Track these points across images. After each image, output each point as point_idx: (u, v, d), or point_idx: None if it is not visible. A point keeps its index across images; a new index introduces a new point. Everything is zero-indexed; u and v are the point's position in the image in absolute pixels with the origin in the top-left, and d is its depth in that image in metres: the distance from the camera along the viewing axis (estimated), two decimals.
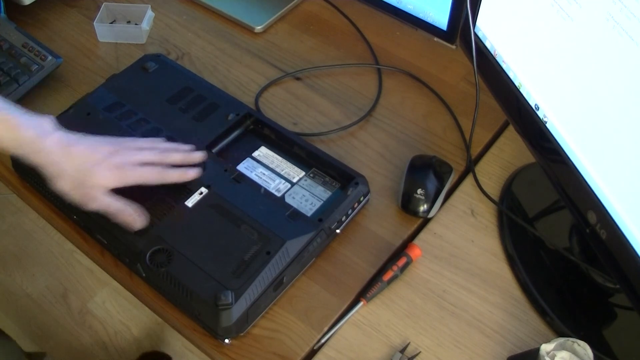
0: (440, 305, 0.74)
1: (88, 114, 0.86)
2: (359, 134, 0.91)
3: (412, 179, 0.82)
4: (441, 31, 0.92)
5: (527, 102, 0.75)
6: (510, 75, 0.78)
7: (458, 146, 0.89)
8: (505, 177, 0.86)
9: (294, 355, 0.70)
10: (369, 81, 0.98)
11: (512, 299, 0.75)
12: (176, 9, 1.09)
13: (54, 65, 0.95)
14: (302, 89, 0.97)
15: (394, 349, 0.71)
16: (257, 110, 0.93)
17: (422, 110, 0.94)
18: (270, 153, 0.84)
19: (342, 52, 1.02)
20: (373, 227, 0.81)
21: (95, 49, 1.02)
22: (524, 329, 0.72)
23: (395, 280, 0.75)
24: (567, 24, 0.65)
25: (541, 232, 0.79)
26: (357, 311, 0.73)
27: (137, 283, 0.75)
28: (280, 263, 0.71)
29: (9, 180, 0.86)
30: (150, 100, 0.87)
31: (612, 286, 0.74)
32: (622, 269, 0.64)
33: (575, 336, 0.66)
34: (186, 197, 0.77)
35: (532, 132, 0.76)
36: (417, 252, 0.77)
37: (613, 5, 0.57)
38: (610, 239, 0.64)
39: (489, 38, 0.81)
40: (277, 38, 1.05)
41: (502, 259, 0.78)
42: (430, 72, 0.98)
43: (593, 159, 0.66)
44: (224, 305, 0.67)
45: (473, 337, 0.72)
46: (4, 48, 0.96)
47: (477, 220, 0.82)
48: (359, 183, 0.79)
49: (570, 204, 0.71)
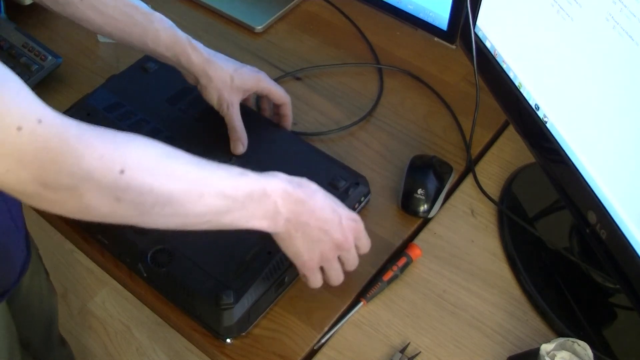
0: (440, 305, 0.74)
1: (88, 115, 0.86)
2: (359, 134, 0.91)
3: (412, 179, 0.82)
4: (441, 31, 0.92)
5: (527, 102, 0.75)
6: (510, 75, 0.78)
7: (458, 146, 0.89)
8: (505, 177, 0.86)
9: (294, 355, 0.70)
10: (369, 81, 0.98)
11: (512, 299, 0.75)
12: (176, 9, 1.09)
13: (54, 65, 0.95)
14: (302, 89, 0.97)
15: (394, 349, 0.71)
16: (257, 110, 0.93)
17: (423, 110, 0.94)
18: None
19: (342, 52, 1.02)
20: (373, 227, 0.80)
21: (95, 49, 1.02)
22: (524, 329, 0.72)
23: (396, 280, 0.75)
24: (567, 24, 0.65)
25: (541, 232, 0.79)
26: (357, 311, 0.74)
27: (137, 283, 0.75)
28: (281, 263, 0.71)
29: None
30: (150, 101, 0.87)
31: (612, 286, 0.74)
32: (622, 269, 0.64)
33: (575, 336, 0.66)
34: None
35: (532, 132, 0.76)
36: (417, 252, 0.77)
37: (613, 5, 0.57)
38: (610, 239, 0.64)
39: (489, 38, 0.81)
40: (277, 38, 1.05)
41: (502, 259, 0.78)
42: (431, 72, 0.98)
43: (593, 159, 0.66)
44: (225, 305, 0.68)
45: (473, 337, 0.72)
46: (4, 48, 0.96)
47: (477, 220, 0.82)
48: (360, 183, 0.79)
49: (570, 204, 0.71)
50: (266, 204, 0.61)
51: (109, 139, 0.53)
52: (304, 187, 0.65)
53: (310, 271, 0.68)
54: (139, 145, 0.55)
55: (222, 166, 0.60)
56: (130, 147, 0.54)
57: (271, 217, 0.62)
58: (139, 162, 0.53)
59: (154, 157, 0.55)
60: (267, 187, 0.61)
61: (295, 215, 0.63)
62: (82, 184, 0.51)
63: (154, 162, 0.55)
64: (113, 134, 0.54)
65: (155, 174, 0.54)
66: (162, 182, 0.54)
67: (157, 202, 0.55)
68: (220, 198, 0.58)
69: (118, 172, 0.51)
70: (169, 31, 0.78)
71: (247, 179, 0.61)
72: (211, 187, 0.58)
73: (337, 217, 0.66)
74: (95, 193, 0.51)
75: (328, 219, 0.65)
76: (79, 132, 0.51)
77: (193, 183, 0.57)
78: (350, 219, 0.68)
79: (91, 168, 0.50)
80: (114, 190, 0.52)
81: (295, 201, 0.63)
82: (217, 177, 0.59)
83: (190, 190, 0.56)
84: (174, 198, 0.55)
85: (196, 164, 0.58)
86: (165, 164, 0.56)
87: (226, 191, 0.59)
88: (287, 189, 0.62)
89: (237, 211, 0.60)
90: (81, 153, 0.50)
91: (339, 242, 0.67)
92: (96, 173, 0.51)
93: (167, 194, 0.55)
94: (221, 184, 0.59)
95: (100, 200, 0.52)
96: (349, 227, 0.67)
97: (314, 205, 0.64)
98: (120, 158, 0.52)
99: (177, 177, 0.56)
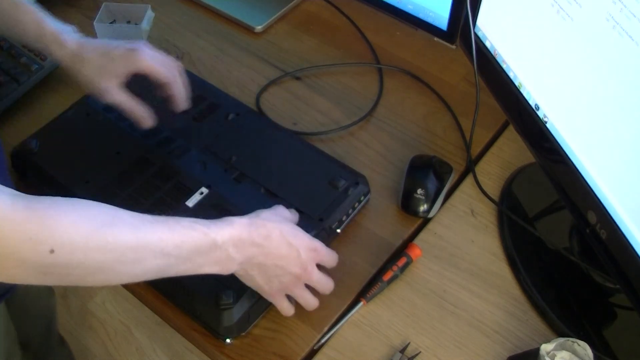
0: (441, 305, 0.74)
1: (88, 115, 0.86)
2: (359, 133, 0.91)
3: (412, 179, 0.82)
4: (441, 31, 0.92)
5: (527, 102, 0.75)
6: (510, 75, 0.78)
7: (458, 146, 0.89)
8: (505, 177, 0.86)
9: (294, 355, 0.70)
10: (369, 81, 0.98)
11: (512, 299, 0.75)
12: (176, 9, 1.09)
13: (54, 65, 0.95)
14: (302, 89, 0.97)
15: (394, 349, 0.71)
16: (257, 110, 0.93)
17: (423, 110, 0.94)
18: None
19: (342, 52, 1.02)
20: (373, 227, 0.81)
21: None
22: (524, 329, 0.72)
23: (395, 280, 0.75)
24: (567, 24, 0.65)
25: (541, 232, 0.79)
26: (357, 311, 0.73)
27: (137, 283, 0.75)
28: None
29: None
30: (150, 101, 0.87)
31: (612, 286, 0.74)
32: (622, 269, 0.64)
33: (575, 336, 0.66)
34: (187, 197, 0.77)
35: (532, 132, 0.76)
36: (417, 252, 0.77)
37: (613, 5, 0.57)
38: (610, 239, 0.64)
39: (489, 38, 0.81)
40: (277, 38, 1.05)
41: (502, 259, 0.78)
42: (431, 72, 0.98)
43: (593, 159, 0.66)
44: (225, 305, 0.68)
45: (473, 337, 0.72)
46: (4, 48, 0.96)
47: (477, 220, 0.82)
48: (359, 182, 0.79)
49: (570, 204, 0.71)
50: (216, 254, 0.61)
51: (41, 214, 0.51)
52: (260, 229, 0.64)
53: (275, 300, 0.69)
54: (72, 219, 0.53)
55: (168, 221, 0.59)
56: (62, 224, 0.52)
57: (223, 264, 0.62)
58: (69, 239, 0.52)
59: (87, 231, 0.54)
60: (217, 239, 0.61)
61: (250, 258, 0.63)
62: (7, 262, 0.50)
63: (85, 237, 0.53)
64: (48, 206, 0.52)
65: (85, 249, 0.53)
66: (92, 256, 0.54)
67: (87, 272, 0.54)
68: (160, 258, 0.58)
69: (47, 252, 0.50)
70: (34, 24, 0.75)
71: (194, 233, 0.60)
72: (149, 250, 0.57)
73: (294, 252, 0.66)
74: (21, 269, 0.51)
75: (284, 256, 0.65)
76: (10, 210, 0.49)
77: (128, 250, 0.56)
78: (310, 249, 0.68)
79: (19, 249, 0.49)
80: (41, 267, 0.51)
81: (249, 245, 0.63)
82: (157, 238, 0.58)
83: (124, 258, 0.56)
84: (106, 267, 0.55)
85: (135, 227, 0.57)
86: (98, 236, 0.54)
87: (167, 250, 0.58)
88: (241, 236, 0.62)
89: (182, 265, 0.60)
90: (8, 234, 0.49)
91: (297, 275, 0.67)
92: (23, 253, 0.50)
93: (98, 265, 0.54)
94: (161, 244, 0.58)
95: (27, 275, 0.52)
96: (309, 258, 0.67)
97: (269, 246, 0.64)
98: (50, 238, 0.51)
99: (110, 249, 0.55)
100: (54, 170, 0.81)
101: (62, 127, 0.85)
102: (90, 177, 0.79)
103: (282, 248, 0.65)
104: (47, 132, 0.85)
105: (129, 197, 0.77)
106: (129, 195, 0.77)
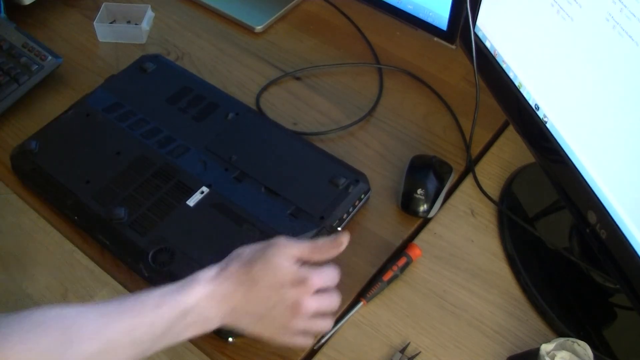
0: (441, 305, 0.74)
1: (87, 115, 0.86)
2: (359, 133, 0.91)
3: (412, 179, 0.82)
4: (441, 31, 0.92)
5: (527, 102, 0.75)
6: (510, 75, 0.78)
7: (458, 146, 0.89)
8: (505, 177, 0.86)
9: (294, 355, 0.70)
10: (369, 81, 0.98)
11: (512, 299, 0.75)
12: (176, 9, 1.09)
13: (54, 65, 0.95)
14: (302, 89, 0.97)
15: (394, 349, 0.71)
16: (257, 110, 0.93)
17: (422, 110, 0.94)
18: None
19: (342, 52, 1.02)
20: (373, 227, 0.81)
21: (95, 49, 1.02)
22: (524, 329, 0.72)
23: (395, 280, 0.75)
24: (567, 24, 0.65)
25: (541, 232, 0.79)
26: (357, 311, 0.73)
27: (137, 283, 0.75)
28: None
29: (9, 180, 0.86)
30: (150, 101, 0.88)
31: (612, 286, 0.74)
32: (622, 269, 0.64)
33: (575, 336, 0.66)
34: (188, 197, 0.77)
35: (532, 132, 0.76)
36: (417, 252, 0.77)
37: (613, 5, 0.57)
38: (610, 239, 0.64)
39: (489, 38, 0.81)
40: (277, 38, 1.05)
41: (502, 259, 0.78)
42: (431, 72, 0.98)
43: (593, 159, 0.66)
44: None
45: (473, 337, 0.72)
46: (4, 48, 0.96)
47: (477, 220, 0.82)
48: (360, 180, 0.80)
49: (570, 204, 0.71)
50: (191, 319, 0.59)
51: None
52: (230, 278, 0.60)
53: (284, 342, 0.64)
54: (25, 344, 0.52)
55: (136, 305, 0.57)
56: (14, 350, 0.51)
57: (201, 325, 0.60)
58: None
59: (41, 355, 0.53)
60: (186, 306, 0.58)
61: (232, 309, 0.60)
62: None
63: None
64: (4, 332, 0.51)
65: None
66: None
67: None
68: (132, 347, 0.57)
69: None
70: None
71: (164, 309, 0.57)
72: (119, 346, 0.56)
73: (277, 292, 0.60)
74: None
75: (268, 297, 0.60)
76: None
77: (95, 356, 0.55)
78: (296, 283, 0.61)
79: None
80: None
81: (224, 297, 0.59)
82: (125, 331, 0.56)
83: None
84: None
85: (98, 331, 0.55)
86: (53, 356, 0.53)
87: (138, 337, 0.57)
88: (212, 292, 0.59)
89: (159, 343, 0.58)
90: None
91: (292, 312, 0.61)
92: None
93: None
94: (131, 335, 0.56)
95: None
96: (300, 292, 0.61)
97: (247, 293, 0.60)
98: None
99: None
100: (54, 171, 0.81)
101: (62, 128, 0.85)
102: (90, 177, 0.79)
103: (262, 291, 0.60)
104: (47, 132, 0.85)
105: (129, 197, 0.77)
106: (129, 195, 0.77)
